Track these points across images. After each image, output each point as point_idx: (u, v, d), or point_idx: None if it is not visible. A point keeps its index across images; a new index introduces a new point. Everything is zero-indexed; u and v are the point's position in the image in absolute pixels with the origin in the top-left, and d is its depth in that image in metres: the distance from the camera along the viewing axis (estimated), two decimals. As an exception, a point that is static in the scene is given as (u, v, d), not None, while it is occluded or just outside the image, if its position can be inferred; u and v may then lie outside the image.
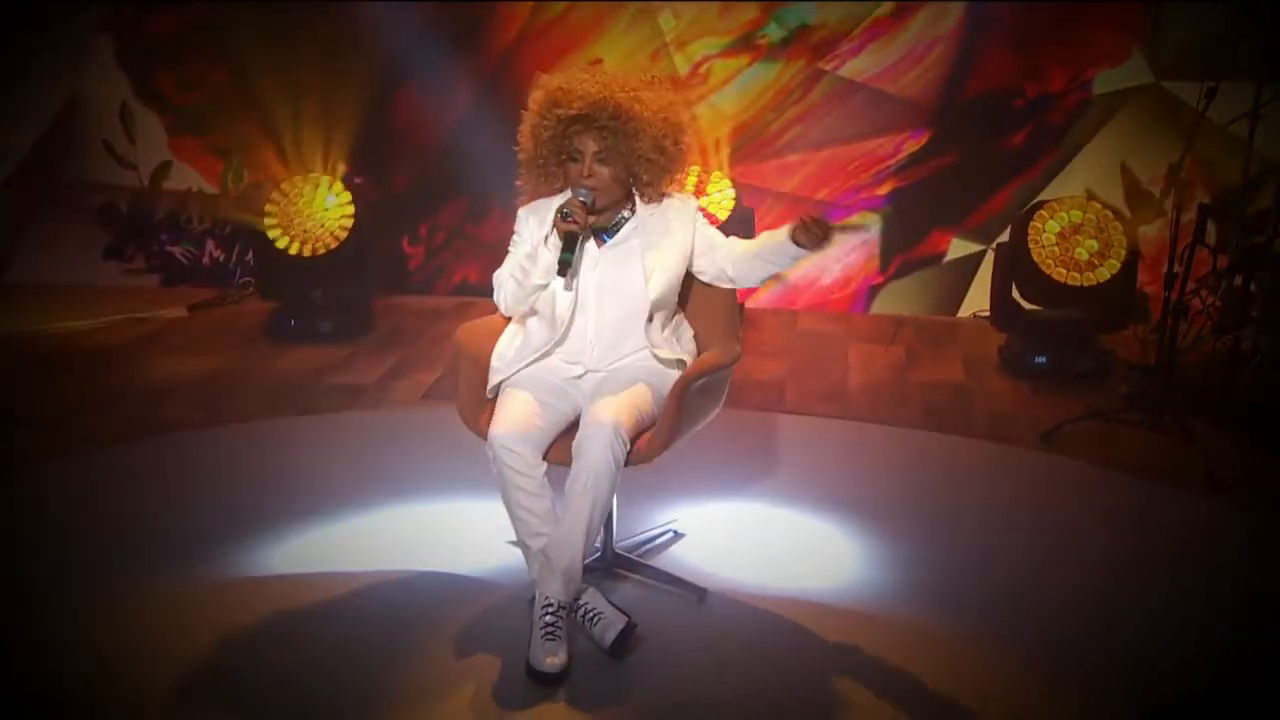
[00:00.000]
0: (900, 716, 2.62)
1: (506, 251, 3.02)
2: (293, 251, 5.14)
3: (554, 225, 2.85)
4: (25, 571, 3.20)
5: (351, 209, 5.19)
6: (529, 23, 5.56)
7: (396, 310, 5.56)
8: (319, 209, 5.18)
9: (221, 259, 5.97)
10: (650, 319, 2.98)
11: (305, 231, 5.15)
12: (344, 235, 5.16)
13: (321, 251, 5.14)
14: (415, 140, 5.74)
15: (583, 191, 2.89)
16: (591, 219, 2.91)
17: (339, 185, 5.25)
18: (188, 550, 3.32)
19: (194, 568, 3.23)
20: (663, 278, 2.98)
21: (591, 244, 2.98)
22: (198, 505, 3.59)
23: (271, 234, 5.16)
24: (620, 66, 5.36)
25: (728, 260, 3.04)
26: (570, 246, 2.84)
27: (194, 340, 5.19)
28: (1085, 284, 4.64)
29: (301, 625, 2.97)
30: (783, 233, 2.90)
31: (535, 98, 2.95)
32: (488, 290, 3.11)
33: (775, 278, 5.00)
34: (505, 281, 2.94)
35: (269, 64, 5.59)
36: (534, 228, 2.96)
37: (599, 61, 5.40)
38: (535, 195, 3.02)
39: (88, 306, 5.57)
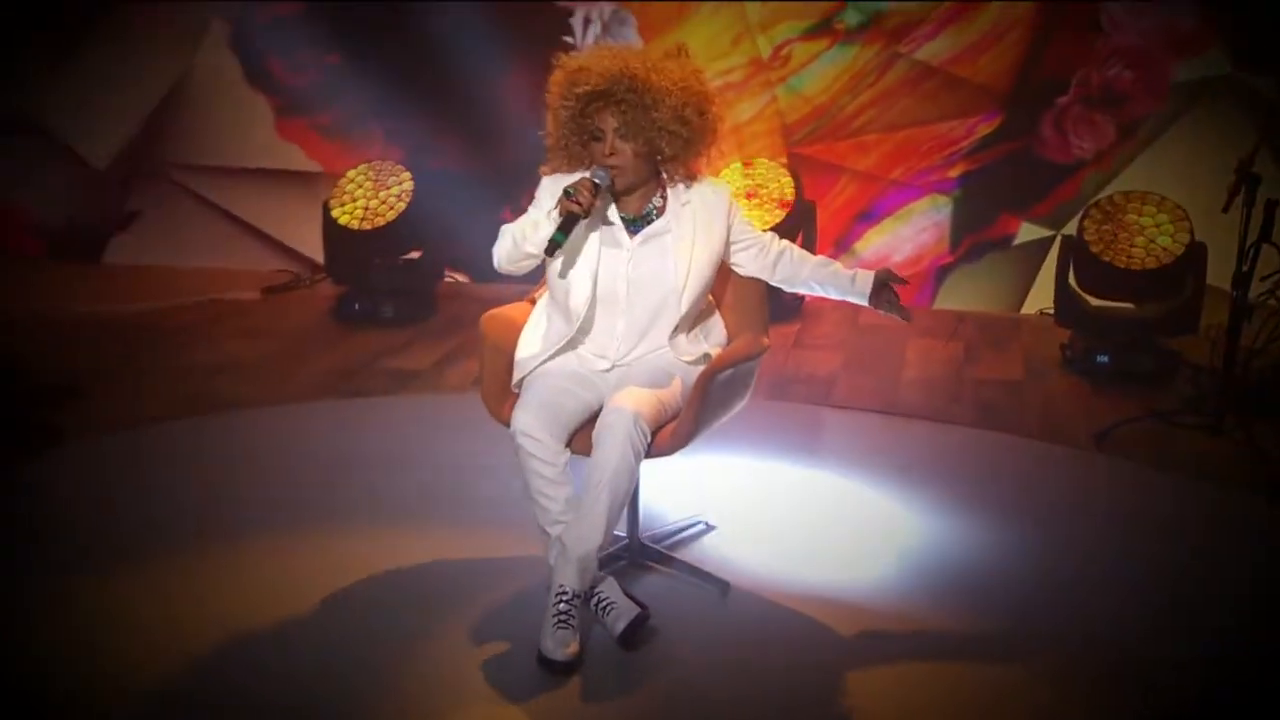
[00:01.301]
0: (899, 706, 2.61)
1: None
2: (354, 226, 5.24)
3: (558, 202, 2.80)
4: (86, 537, 3.30)
5: (410, 184, 5.27)
6: (618, 10, 5.64)
7: (460, 297, 5.63)
8: (380, 188, 5.27)
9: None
10: (681, 319, 2.94)
11: (366, 209, 5.26)
12: (402, 207, 5.24)
13: (380, 224, 5.23)
14: (520, 116, 5.76)
15: (600, 173, 2.83)
16: (601, 203, 2.86)
17: (398, 167, 5.34)
18: (228, 524, 3.39)
19: (242, 539, 3.31)
20: (697, 275, 2.93)
21: (624, 236, 2.93)
22: (238, 482, 3.67)
23: (335, 213, 5.27)
24: (704, 49, 5.44)
25: (776, 263, 3.01)
26: (566, 228, 2.77)
27: (263, 322, 5.31)
28: (1145, 266, 4.50)
29: (326, 603, 3.02)
30: (857, 284, 2.97)
31: (555, 79, 2.91)
32: None
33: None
34: (505, 237, 2.89)
35: (379, 49, 5.73)
36: (549, 201, 2.89)
37: (682, 47, 5.41)
38: (554, 168, 2.98)
39: (167, 287, 5.75)
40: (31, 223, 6.24)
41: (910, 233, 5.61)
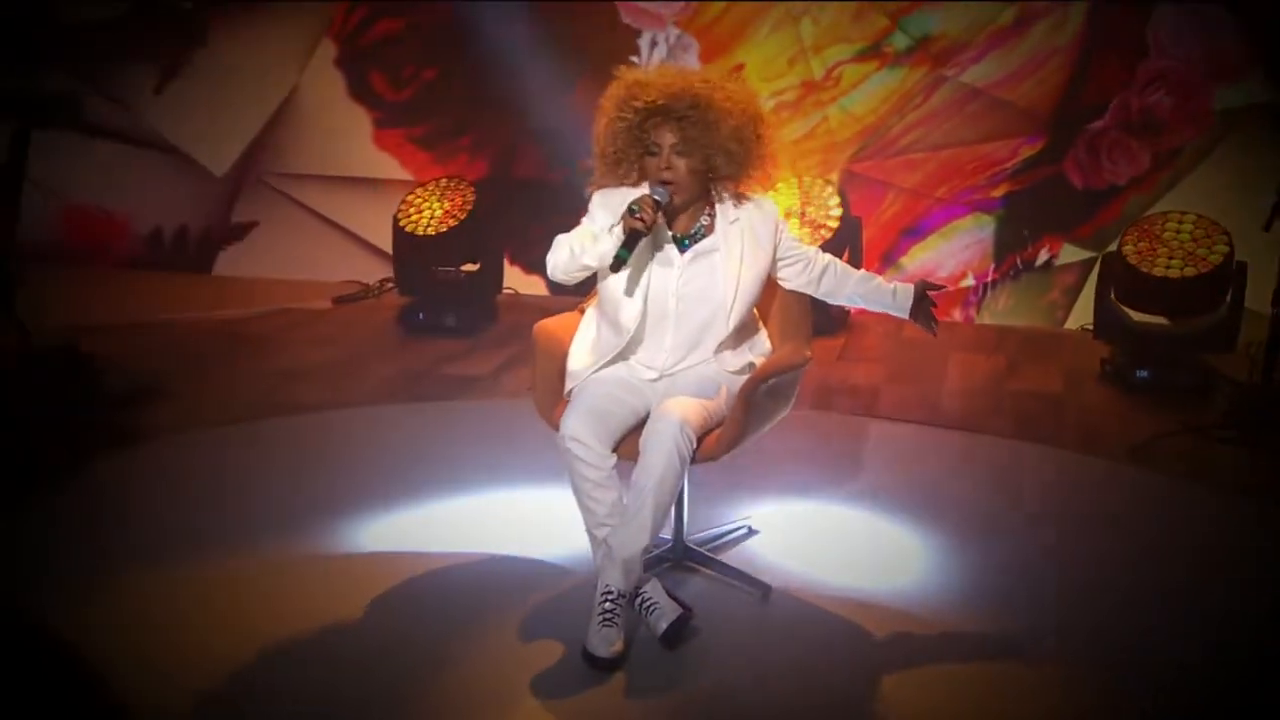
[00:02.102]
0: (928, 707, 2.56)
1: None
2: (419, 233, 5.26)
3: (621, 218, 2.75)
4: (163, 531, 3.35)
5: (472, 197, 5.31)
6: (685, 29, 5.62)
7: (519, 307, 5.61)
8: (444, 200, 5.32)
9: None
10: (728, 335, 2.91)
11: (430, 218, 5.29)
12: (463, 216, 5.26)
13: (442, 230, 5.25)
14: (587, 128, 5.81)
15: (659, 191, 2.79)
16: (661, 220, 2.82)
17: (464, 183, 5.38)
18: (295, 521, 3.41)
19: (296, 538, 3.32)
20: (745, 292, 2.90)
21: (675, 252, 2.89)
22: (305, 481, 3.68)
23: (401, 221, 5.31)
24: (760, 70, 5.45)
25: (820, 278, 2.98)
26: (630, 245, 2.72)
27: (331, 331, 5.33)
28: (1182, 275, 4.39)
29: (382, 598, 3.03)
30: (897, 298, 2.95)
31: (611, 93, 2.87)
32: None
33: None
34: (561, 247, 2.84)
35: (472, 63, 5.76)
36: (603, 215, 2.87)
37: (741, 67, 5.45)
38: (606, 182, 2.93)
39: (246, 297, 5.80)
40: (140, 230, 6.31)
41: (954, 249, 5.53)
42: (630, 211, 2.73)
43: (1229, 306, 4.41)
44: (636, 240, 2.74)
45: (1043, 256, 5.45)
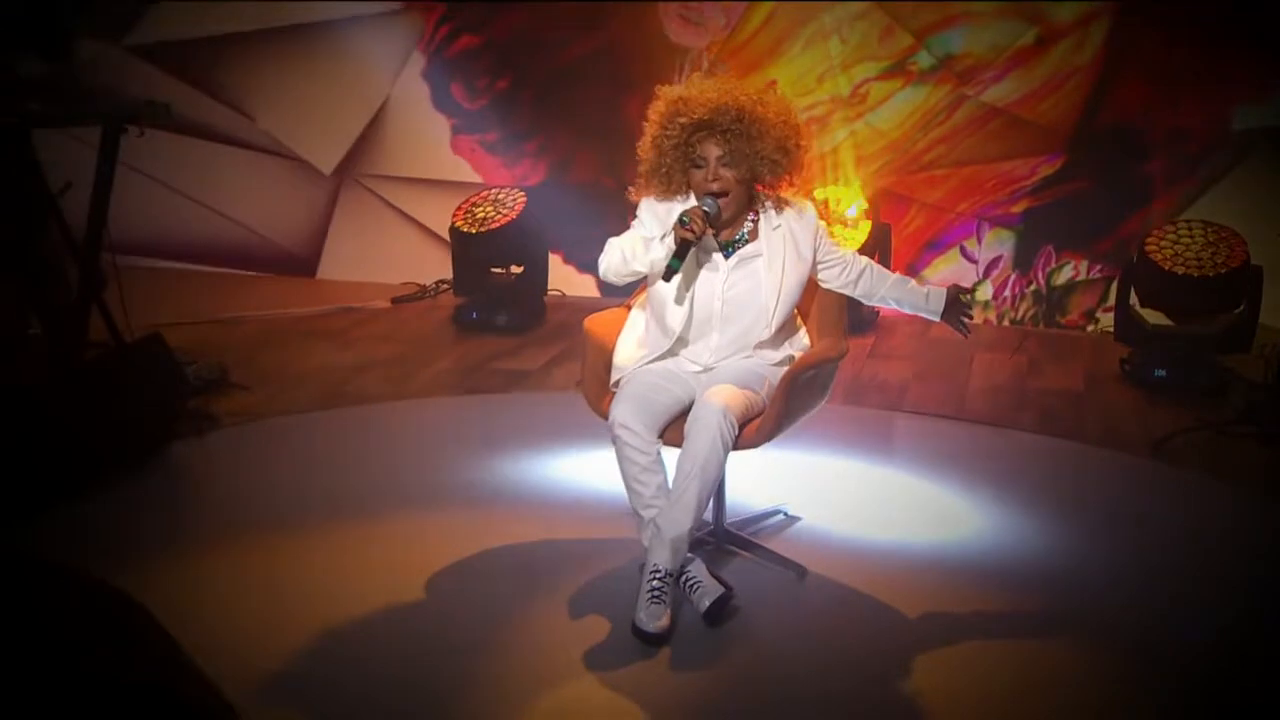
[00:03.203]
0: (977, 702, 2.49)
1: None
2: (472, 231, 5.25)
3: (672, 228, 2.70)
4: (235, 513, 3.33)
5: (523, 200, 5.30)
6: (723, 46, 5.57)
7: (566, 308, 5.60)
8: (497, 207, 5.31)
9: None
10: (771, 336, 2.86)
11: (482, 219, 5.28)
12: (513, 215, 5.25)
13: (494, 227, 5.23)
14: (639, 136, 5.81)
15: (709, 202, 2.74)
16: (710, 231, 2.76)
17: (517, 192, 5.38)
18: (358, 503, 3.39)
19: (359, 519, 3.30)
20: (787, 296, 2.85)
21: (720, 258, 2.84)
22: (368, 467, 3.67)
23: (459, 223, 5.31)
24: (792, 86, 5.38)
25: (858, 280, 2.93)
26: (681, 254, 2.67)
27: (391, 328, 5.33)
28: (1190, 274, 4.29)
29: (442, 576, 3.00)
30: (930, 301, 2.92)
31: (656, 108, 2.82)
32: None
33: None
34: (613, 251, 2.79)
35: (539, 75, 5.77)
36: (651, 221, 2.84)
37: (774, 84, 5.39)
38: (652, 192, 2.89)
39: (313, 296, 5.81)
40: (244, 230, 6.33)
41: (975, 269, 5.43)
42: (681, 223, 2.67)
43: (1245, 309, 4.31)
44: (687, 250, 2.69)
45: (1064, 275, 5.34)
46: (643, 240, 2.77)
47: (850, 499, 3.45)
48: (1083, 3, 5.07)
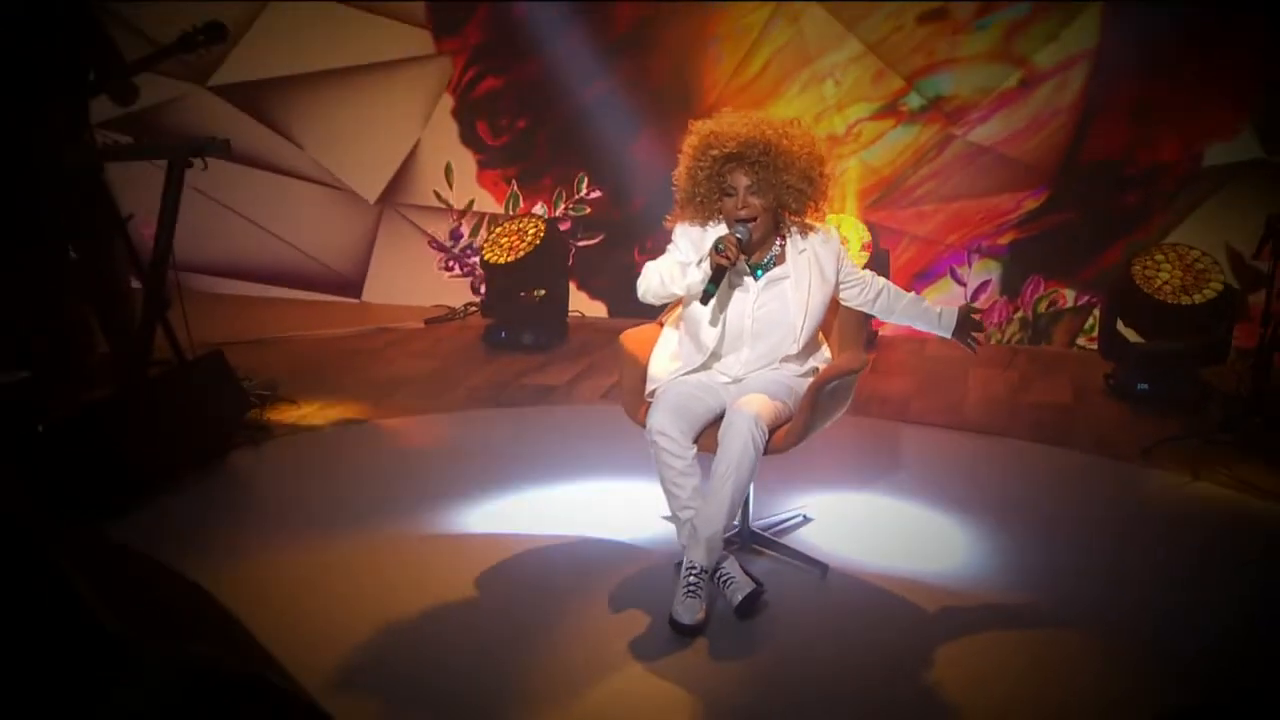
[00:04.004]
0: (991, 690, 2.45)
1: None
2: (500, 262, 5.23)
3: (708, 254, 2.67)
4: (285, 516, 3.31)
5: (543, 229, 5.29)
6: (725, 88, 5.55)
7: (588, 327, 5.59)
8: (520, 238, 5.30)
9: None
10: (797, 352, 2.84)
11: (508, 249, 5.27)
12: (527, 248, 5.24)
13: (520, 256, 5.22)
14: (649, 172, 5.77)
15: (740, 229, 2.72)
16: (743, 256, 2.74)
17: (538, 219, 5.37)
18: (405, 507, 3.36)
19: (406, 522, 3.27)
20: (813, 315, 2.83)
21: (750, 279, 2.82)
22: (412, 473, 3.64)
23: (487, 254, 5.29)
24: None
25: (876, 298, 2.92)
26: (717, 279, 2.65)
27: (426, 347, 5.30)
28: (1176, 302, 4.27)
29: (488, 575, 2.97)
30: (943, 320, 2.93)
31: (689, 142, 2.80)
32: None
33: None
34: (651, 274, 2.75)
35: (556, 116, 5.77)
36: (686, 246, 2.81)
37: (798, 119, 5.40)
38: (686, 218, 2.86)
39: (353, 317, 5.80)
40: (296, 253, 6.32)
41: (964, 296, 5.38)
42: (716, 249, 2.65)
43: (1223, 328, 4.29)
44: (722, 275, 2.68)
45: (1049, 304, 5.31)
46: (679, 265, 2.75)
47: (864, 502, 3.43)
48: (1064, 48, 5.05)
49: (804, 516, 3.29)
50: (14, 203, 3.50)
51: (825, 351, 2.98)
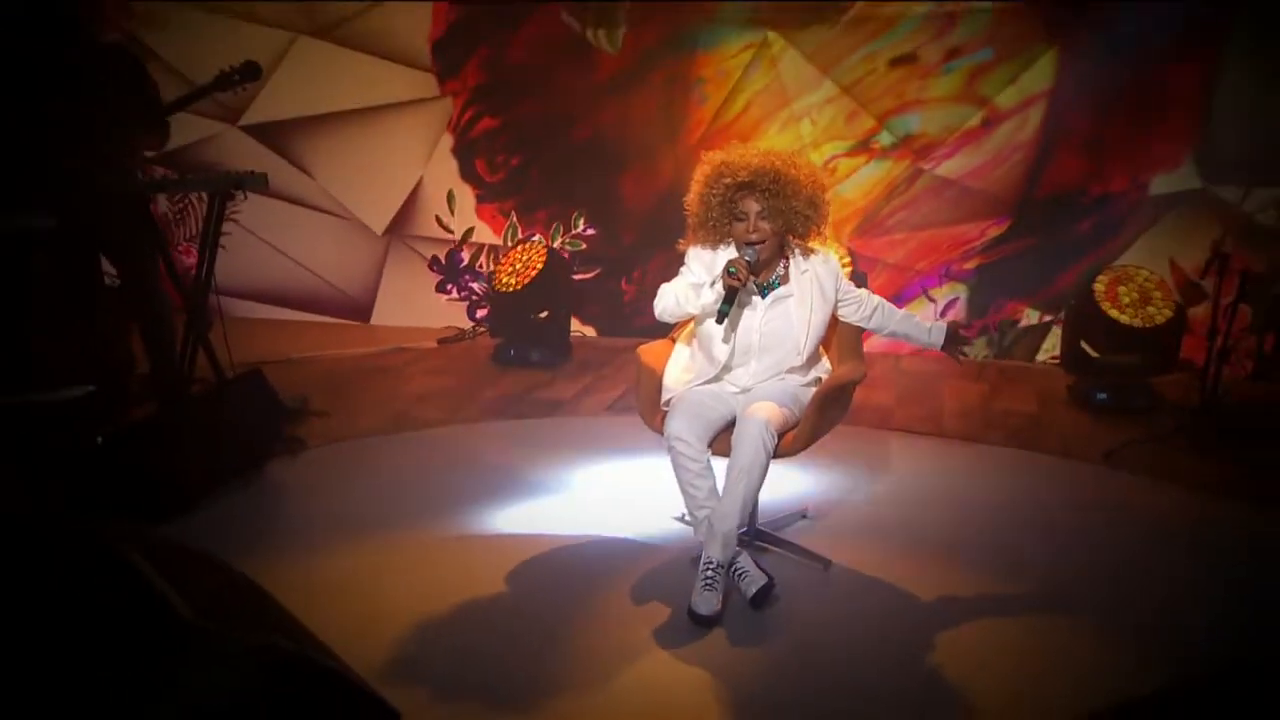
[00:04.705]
0: (992, 672, 2.47)
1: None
2: (511, 289, 5.24)
3: (721, 276, 2.69)
4: (320, 522, 3.28)
5: (544, 256, 5.29)
6: (709, 128, 5.59)
7: (589, 346, 5.60)
8: (526, 265, 5.30)
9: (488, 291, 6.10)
10: (801, 364, 2.86)
11: (515, 274, 5.28)
12: (534, 273, 5.25)
13: (522, 285, 5.23)
14: (636, 204, 5.80)
15: (749, 253, 2.74)
16: (752, 277, 2.77)
17: (540, 242, 5.36)
18: (435, 511, 3.35)
19: (438, 525, 3.25)
20: (815, 331, 2.85)
21: (757, 298, 2.84)
22: (439, 480, 3.62)
23: (498, 284, 5.30)
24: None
25: (871, 315, 2.93)
26: (730, 299, 2.68)
27: (441, 365, 5.29)
28: (1134, 325, 4.33)
29: (515, 571, 2.96)
30: (932, 335, 2.92)
31: (702, 171, 2.82)
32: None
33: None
34: (667, 295, 2.78)
35: (549, 154, 5.77)
36: (699, 268, 2.83)
37: (802, 150, 5.45)
38: (698, 242, 2.88)
39: (371, 338, 5.77)
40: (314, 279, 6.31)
41: (934, 313, 5.44)
42: (729, 272, 2.67)
43: (1171, 341, 4.37)
44: (734, 296, 2.70)
45: (1009, 318, 5.37)
46: (692, 286, 2.77)
47: (858, 503, 3.44)
48: (1022, 90, 5.13)
49: (805, 515, 3.30)
50: (77, 230, 3.48)
51: (826, 363, 3.00)
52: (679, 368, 2.97)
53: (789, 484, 3.44)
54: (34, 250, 3.35)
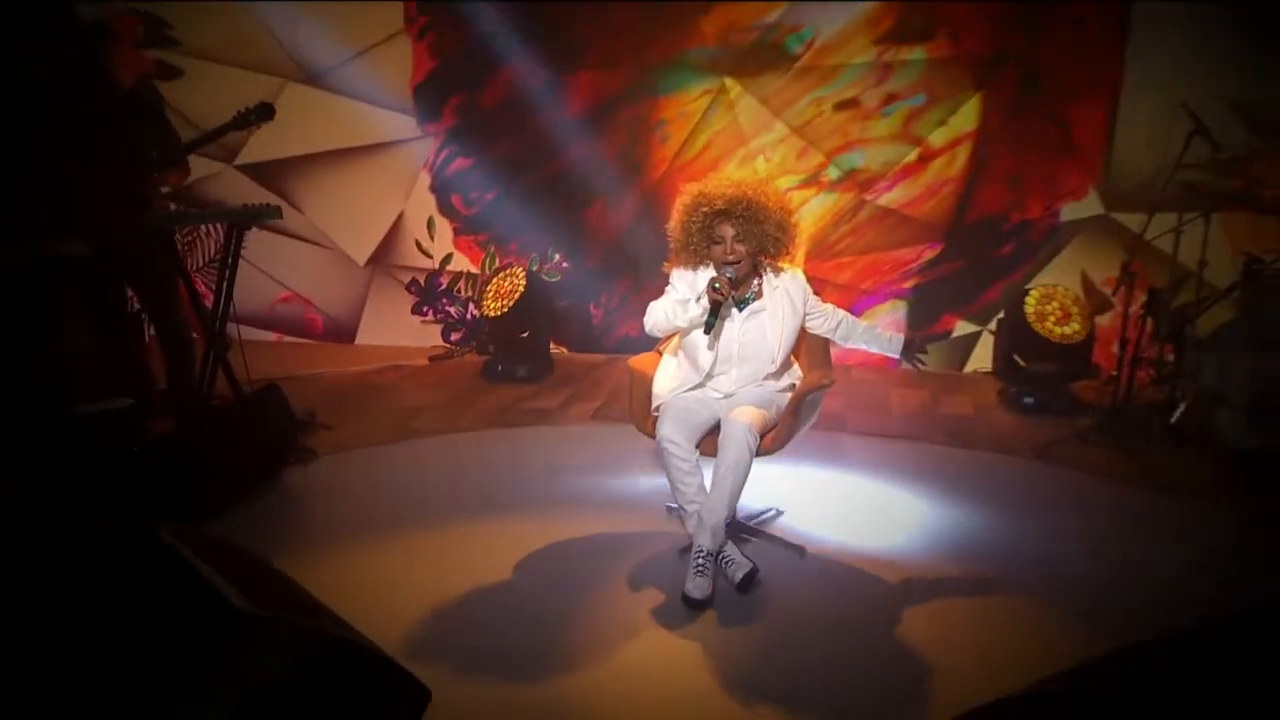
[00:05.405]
0: (954, 643, 2.57)
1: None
2: (491, 315, 5.27)
3: (705, 292, 2.78)
4: (333, 523, 3.28)
5: (524, 282, 5.33)
6: (672, 164, 5.66)
7: (568, 362, 5.63)
8: (510, 291, 5.34)
9: (476, 316, 6.09)
10: (775, 370, 2.94)
11: (498, 295, 5.31)
12: (517, 297, 5.29)
13: (506, 309, 5.27)
14: (603, 235, 5.85)
15: (729, 271, 2.81)
16: (733, 293, 2.85)
17: (519, 271, 5.40)
18: (443, 510, 3.36)
19: (447, 522, 3.27)
20: (786, 340, 2.93)
21: (736, 312, 2.91)
22: (444, 483, 3.64)
23: (486, 310, 5.33)
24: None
25: (837, 326, 3.01)
26: (714, 313, 2.76)
27: (434, 380, 5.29)
28: (1059, 340, 4.50)
29: (519, 565, 2.99)
30: (892, 344, 3.01)
31: (683, 201, 2.88)
32: (645, 344, 3.14)
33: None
34: (656, 312, 2.85)
35: (520, 189, 5.80)
36: (683, 287, 2.90)
37: (772, 178, 5.52)
38: (681, 264, 2.94)
39: (369, 357, 5.75)
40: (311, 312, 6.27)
41: (878, 327, 5.58)
42: (713, 288, 2.75)
43: (1085, 352, 4.54)
44: (718, 309, 2.77)
45: (943, 329, 5.52)
46: (678, 303, 2.84)
47: (824, 498, 3.52)
48: (952, 130, 5.30)
49: (776, 510, 3.37)
50: (108, 258, 3.46)
51: (797, 370, 3.08)
52: (667, 377, 3.04)
53: (761, 484, 3.50)
54: (69, 275, 3.32)
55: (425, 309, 6.10)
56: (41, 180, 3.31)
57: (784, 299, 2.94)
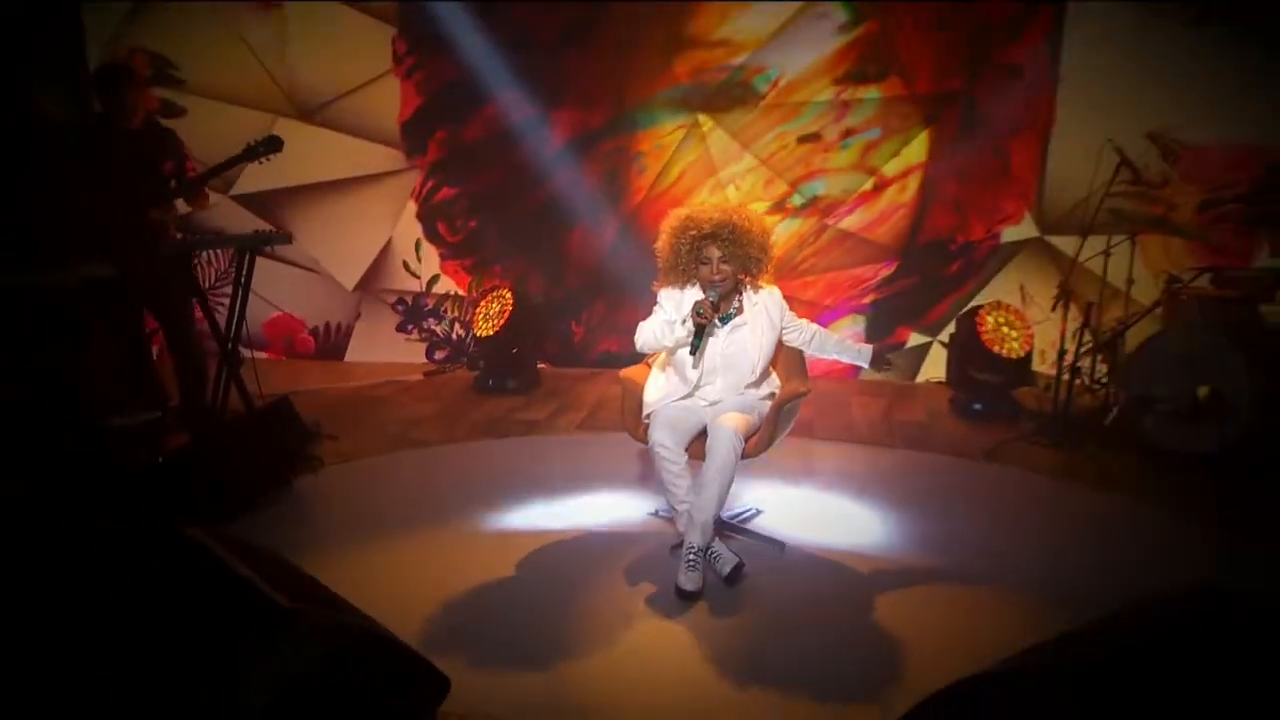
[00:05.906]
0: (922, 627, 2.65)
1: (638, 324, 2.97)
2: (482, 335, 5.30)
3: (690, 316, 2.82)
4: (341, 527, 3.29)
5: (511, 303, 5.37)
6: (649, 192, 5.74)
7: (554, 377, 5.67)
8: (500, 312, 5.38)
9: (462, 335, 6.12)
10: (755, 380, 3.00)
11: (485, 318, 5.35)
12: (505, 319, 5.33)
13: (496, 328, 5.31)
14: (583, 259, 5.89)
15: (713, 293, 2.86)
16: (716, 314, 2.90)
17: (507, 292, 5.45)
18: (446, 514, 3.38)
19: (450, 525, 3.30)
20: (765, 353, 2.98)
21: (719, 325, 2.96)
22: (445, 489, 3.66)
23: (477, 330, 5.37)
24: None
25: (810, 339, 3.07)
26: (699, 335, 2.81)
27: (429, 393, 5.29)
28: (1006, 354, 4.66)
29: (525, 560, 3.02)
30: (862, 355, 3.04)
31: (670, 225, 2.92)
32: (625, 358, 3.18)
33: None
34: (646, 332, 2.88)
35: (503, 217, 5.83)
36: (670, 307, 2.95)
37: (746, 204, 5.54)
38: (669, 283, 2.99)
39: (368, 373, 5.74)
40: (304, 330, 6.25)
41: (848, 340, 5.66)
42: (697, 312, 2.80)
43: (1025, 363, 4.68)
44: (703, 331, 2.83)
45: (898, 341, 5.65)
46: (666, 323, 2.89)
47: (799, 498, 3.58)
48: (904, 161, 5.46)
49: (756, 509, 3.43)
50: (131, 282, 3.46)
51: (775, 379, 3.16)
52: (656, 387, 3.10)
53: (741, 485, 3.56)
54: (95, 297, 3.31)
55: (410, 327, 6.11)
56: (76, 209, 3.32)
57: (763, 314, 3.02)
